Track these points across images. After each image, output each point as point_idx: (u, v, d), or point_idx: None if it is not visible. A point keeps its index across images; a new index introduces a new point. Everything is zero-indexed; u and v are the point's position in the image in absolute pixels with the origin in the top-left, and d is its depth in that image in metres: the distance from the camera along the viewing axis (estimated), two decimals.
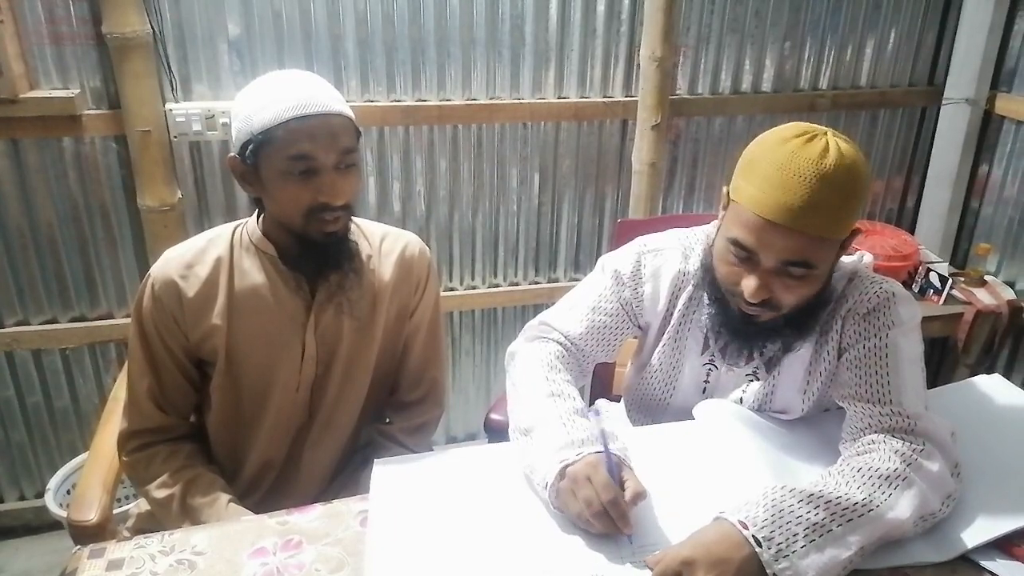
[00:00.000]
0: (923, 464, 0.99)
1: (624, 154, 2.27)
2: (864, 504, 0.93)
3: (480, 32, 2.02)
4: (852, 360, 1.11)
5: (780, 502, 0.92)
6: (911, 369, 1.09)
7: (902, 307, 1.11)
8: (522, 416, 1.10)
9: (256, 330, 1.22)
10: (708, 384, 1.25)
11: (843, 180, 0.98)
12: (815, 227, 0.99)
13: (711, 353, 1.23)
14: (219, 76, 1.91)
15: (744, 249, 1.04)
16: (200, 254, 1.22)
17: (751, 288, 1.04)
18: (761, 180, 1.01)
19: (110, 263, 2.00)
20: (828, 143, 1.00)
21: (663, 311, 1.25)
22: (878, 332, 1.09)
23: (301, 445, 1.31)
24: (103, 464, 1.32)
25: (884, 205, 2.59)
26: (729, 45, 2.23)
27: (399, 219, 2.15)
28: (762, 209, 1.00)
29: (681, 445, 1.16)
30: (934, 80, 2.45)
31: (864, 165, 1.02)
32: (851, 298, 1.12)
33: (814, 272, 1.04)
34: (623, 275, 1.25)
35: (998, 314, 2.21)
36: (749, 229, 1.02)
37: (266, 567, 0.93)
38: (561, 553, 0.94)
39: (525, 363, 1.20)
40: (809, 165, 0.98)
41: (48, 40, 1.77)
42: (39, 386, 2.06)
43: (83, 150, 1.88)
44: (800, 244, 1.00)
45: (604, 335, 1.26)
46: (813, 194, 0.97)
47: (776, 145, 1.02)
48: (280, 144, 1.10)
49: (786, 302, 1.06)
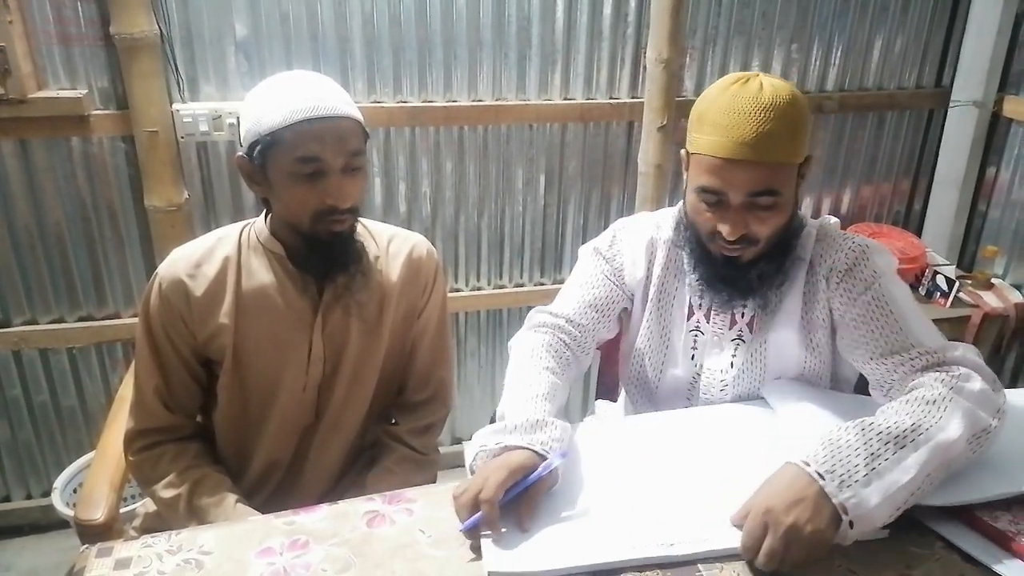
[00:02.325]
0: (964, 386, 1.03)
1: (630, 156, 2.27)
2: (914, 429, 0.97)
3: (487, 33, 2.03)
4: (854, 320, 1.17)
5: (836, 439, 0.97)
6: (913, 310, 1.15)
7: (878, 257, 1.18)
8: (503, 402, 1.15)
9: (263, 330, 1.22)
10: (696, 351, 1.30)
11: (783, 108, 1.08)
12: (770, 154, 1.09)
13: (696, 320, 1.29)
14: (226, 77, 1.91)
15: (713, 193, 1.13)
16: (208, 253, 1.23)
17: (728, 227, 1.12)
18: (712, 127, 1.11)
19: (117, 263, 2.01)
20: (762, 81, 1.11)
21: (643, 278, 1.32)
22: (868, 287, 1.16)
23: (307, 445, 1.31)
24: (110, 463, 1.33)
25: (891, 207, 2.59)
26: (736, 47, 2.23)
27: (405, 220, 2.16)
28: (720, 150, 1.10)
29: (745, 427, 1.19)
30: (941, 82, 2.45)
31: (798, 94, 1.12)
32: (827, 256, 1.20)
33: (780, 199, 1.12)
34: (601, 250, 1.34)
35: (1005, 317, 2.20)
36: (713, 172, 1.11)
37: (273, 567, 0.93)
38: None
39: (517, 353, 1.25)
40: (750, 102, 1.08)
41: (56, 41, 1.78)
42: (46, 385, 2.07)
43: (91, 150, 1.89)
44: (761, 174, 1.09)
45: (597, 306, 1.32)
46: (760, 125, 1.08)
47: (718, 94, 1.12)
48: (288, 146, 1.11)
49: (762, 234, 1.14)
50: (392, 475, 1.29)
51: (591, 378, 2.49)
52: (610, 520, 0.98)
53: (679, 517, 0.98)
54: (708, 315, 1.28)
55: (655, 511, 0.99)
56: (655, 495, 1.02)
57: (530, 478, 0.98)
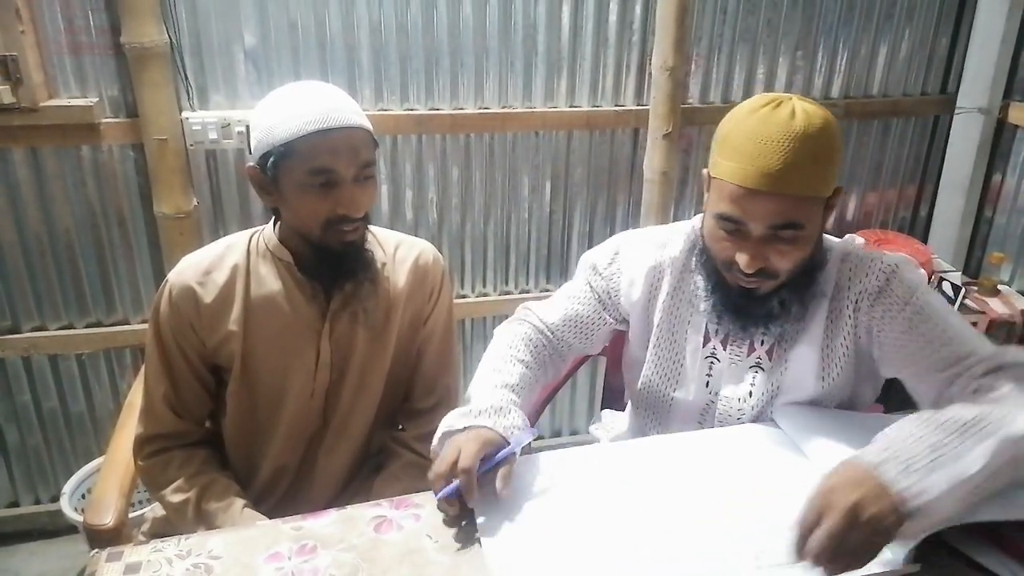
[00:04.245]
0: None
1: (636, 163, 2.27)
2: (976, 421, 0.92)
3: (493, 42, 2.04)
4: (898, 338, 1.11)
5: (894, 432, 0.93)
6: (955, 318, 1.10)
7: (908, 272, 1.13)
8: (472, 385, 1.16)
9: (272, 336, 1.23)
10: (711, 378, 1.25)
11: (814, 138, 1.01)
12: (795, 187, 1.02)
13: (712, 346, 1.24)
14: (235, 85, 1.93)
15: (732, 221, 1.06)
16: (218, 261, 1.24)
17: (746, 259, 1.06)
18: (736, 152, 1.04)
19: (126, 270, 2.02)
20: (795, 107, 1.03)
21: (641, 301, 1.27)
22: (906, 302, 1.10)
23: (315, 451, 1.32)
24: (119, 468, 1.33)
25: (897, 214, 2.59)
26: (741, 54, 2.24)
27: (411, 227, 2.17)
28: (742, 179, 1.03)
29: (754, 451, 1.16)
30: (947, 89, 2.45)
31: (832, 122, 1.05)
32: (855, 280, 1.14)
33: (803, 233, 1.06)
34: (599, 266, 1.29)
35: (1012, 323, 2.19)
36: (733, 201, 1.05)
37: (281, 571, 0.93)
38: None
39: (496, 340, 1.27)
40: (779, 129, 1.01)
41: (68, 50, 1.80)
42: (55, 391, 2.08)
43: (101, 158, 1.91)
44: (784, 206, 1.03)
45: (578, 324, 1.30)
46: (787, 156, 1.00)
47: (745, 116, 1.05)
48: (301, 157, 1.12)
49: (782, 268, 1.08)
50: (399, 481, 1.29)
51: (596, 386, 2.50)
52: (617, 539, 0.97)
53: (685, 540, 0.97)
54: (725, 342, 1.22)
55: (664, 531, 0.98)
56: (665, 516, 1.00)
57: (499, 455, 1.01)
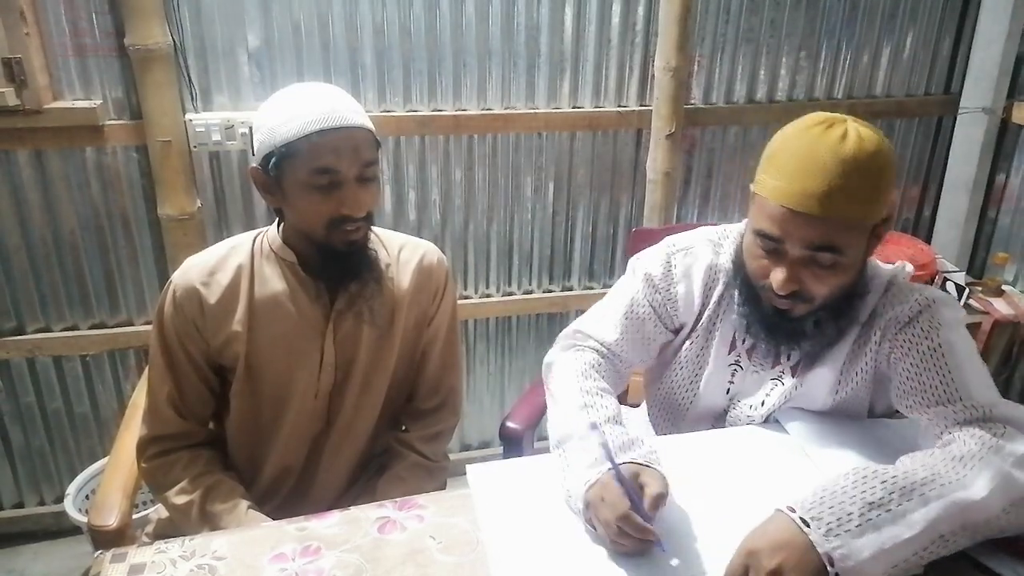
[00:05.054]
0: (1005, 445, 0.94)
1: (638, 163, 2.27)
2: (927, 481, 0.89)
3: (495, 43, 2.04)
4: (909, 370, 1.09)
5: (831, 484, 0.90)
6: (971, 362, 1.06)
7: (945, 309, 1.10)
8: (557, 428, 1.10)
9: (276, 337, 1.23)
10: (732, 385, 1.24)
11: (864, 164, 0.98)
12: (838, 211, 0.99)
13: (737, 353, 1.22)
14: (239, 87, 1.93)
15: (770, 239, 1.04)
16: (222, 261, 1.24)
17: (779, 279, 1.04)
18: (782, 170, 1.02)
19: (130, 271, 2.03)
20: (848, 129, 1.00)
21: (698, 308, 1.24)
22: (928, 335, 1.07)
23: (319, 452, 1.32)
24: (123, 469, 1.34)
25: (900, 214, 2.58)
26: (744, 54, 2.24)
27: (414, 228, 2.17)
28: (785, 199, 1.01)
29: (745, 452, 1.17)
30: (950, 89, 2.45)
31: (887, 149, 1.01)
32: (890, 308, 1.12)
33: (842, 259, 1.03)
34: (654, 278, 1.24)
35: (1016, 324, 2.19)
36: (773, 219, 1.02)
37: (285, 572, 0.93)
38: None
39: (561, 373, 1.19)
40: (828, 152, 0.98)
41: (72, 52, 1.81)
42: (59, 392, 2.08)
43: (105, 160, 1.91)
44: (825, 229, 1.00)
45: (639, 340, 1.25)
46: (833, 180, 0.97)
47: (796, 135, 1.03)
48: (304, 157, 1.12)
49: (817, 292, 1.05)
50: (403, 482, 1.30)
51: None
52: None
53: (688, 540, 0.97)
54: (751, 352, 1.21)
55: (667, 532, 0.97)
56: (670, 516, 1.00)
57: (623, 482, 0.95)
